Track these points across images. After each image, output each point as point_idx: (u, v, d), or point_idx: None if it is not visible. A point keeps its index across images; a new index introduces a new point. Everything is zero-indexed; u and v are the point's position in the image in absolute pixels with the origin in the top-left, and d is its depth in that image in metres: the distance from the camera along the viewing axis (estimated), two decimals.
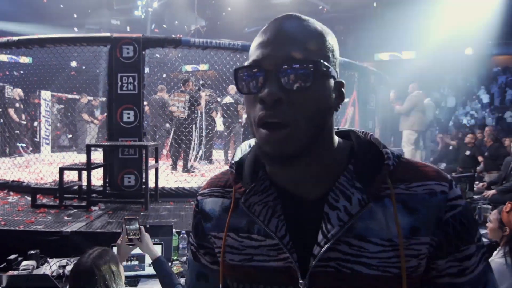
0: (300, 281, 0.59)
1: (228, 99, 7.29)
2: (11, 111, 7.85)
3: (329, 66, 0.59)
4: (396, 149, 0.64)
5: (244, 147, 0.73)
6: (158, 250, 2.31)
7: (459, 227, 0.58)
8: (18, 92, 8.31)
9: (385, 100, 7.53)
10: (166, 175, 5.33)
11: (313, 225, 0.61)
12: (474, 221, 0.62)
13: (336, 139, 0.65)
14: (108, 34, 4.55)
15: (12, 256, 2.41)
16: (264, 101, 0.56)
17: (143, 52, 4.47)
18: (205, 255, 0.73)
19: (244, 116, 7.26)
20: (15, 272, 2.27)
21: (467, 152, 6.68)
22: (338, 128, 0.70)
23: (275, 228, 0.61)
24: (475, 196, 4.25)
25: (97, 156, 5.29)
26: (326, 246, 0.58)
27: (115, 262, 1.56)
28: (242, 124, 7.27)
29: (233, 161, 0.70)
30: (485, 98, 13.17)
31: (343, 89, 0.63)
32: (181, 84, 6.34)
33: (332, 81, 0.60)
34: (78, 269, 1.50)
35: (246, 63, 0.61)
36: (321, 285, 0.59)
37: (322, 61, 0.57)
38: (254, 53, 0.60)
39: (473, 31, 12.19)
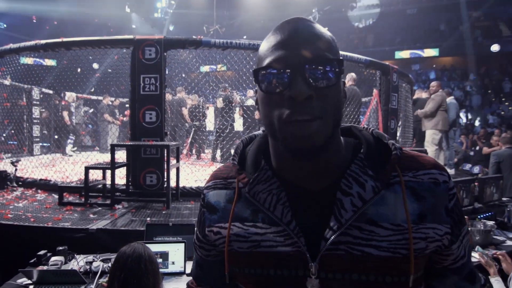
0: (311, 263, 0.62)
1: (250, 102, 7.40)
2: (65, 114, 8.64)
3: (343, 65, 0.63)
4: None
5: (246, 141, 0.76)
6: (181, 248, 2.35)
7: (459, 212, 0.67)
8: (71, 96, 8.88)
9: (407, 99, 7.37)
10: (186, 174, 5.39)
11: (318, 212, 0.64)
12: None
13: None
14: (131, 36, 4.62)
15: (42, 252, 2.47)
16: (293, 99, 0.57)
17: (165, 54, 4.54)
18: (200, 248, 0.79)
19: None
20: (45, 267, 2.34)
21: None
22: None
23: (280, 214, 0.64)
24: (504, 199, 4.08)
25: (120, 155, 5.40)
26: (339, 230, 0.61)
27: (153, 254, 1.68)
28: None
29: (235, 154, 0.73)
30: (507, 88, 12.81)
31: (345, 87, 0.68)
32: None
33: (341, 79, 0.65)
34: (126, 257, 1.58)
35: (265, 63, 0.61)
36: (331, 267, 0.62)
37: (341, 59, 0.61)
38: (272, 53, 0.60)
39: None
